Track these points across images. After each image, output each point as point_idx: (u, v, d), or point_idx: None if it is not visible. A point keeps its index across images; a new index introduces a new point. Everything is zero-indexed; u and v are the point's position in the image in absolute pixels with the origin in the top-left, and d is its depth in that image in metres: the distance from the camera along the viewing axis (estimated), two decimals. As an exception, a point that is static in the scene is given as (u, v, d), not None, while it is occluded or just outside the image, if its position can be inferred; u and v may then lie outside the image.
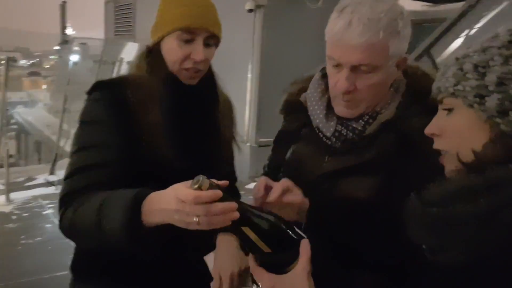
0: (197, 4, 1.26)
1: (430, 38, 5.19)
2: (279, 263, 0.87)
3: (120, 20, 10.42)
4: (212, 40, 1.29)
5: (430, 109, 0.97)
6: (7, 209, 4.85)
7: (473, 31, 5.28)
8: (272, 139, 1.40)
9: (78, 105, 8.04)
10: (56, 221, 4.24)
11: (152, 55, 1.30)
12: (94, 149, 1.20)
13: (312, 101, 1.12)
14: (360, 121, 1.05)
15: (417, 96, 1.03)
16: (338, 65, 1.01)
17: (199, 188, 0.82)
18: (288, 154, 1.20)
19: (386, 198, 1.00)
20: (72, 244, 1.28)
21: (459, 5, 5.65)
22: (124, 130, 1.21)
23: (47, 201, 5.12)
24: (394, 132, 1.03)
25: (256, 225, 0.85)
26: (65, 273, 3.38)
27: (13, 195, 5.15)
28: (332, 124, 1.08)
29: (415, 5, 7.39)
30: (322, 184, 1.09)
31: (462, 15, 5.05)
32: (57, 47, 16.43)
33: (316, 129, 1.12)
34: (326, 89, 1.11)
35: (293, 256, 0.86)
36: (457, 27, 5.14)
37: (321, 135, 1.10)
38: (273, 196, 1.00)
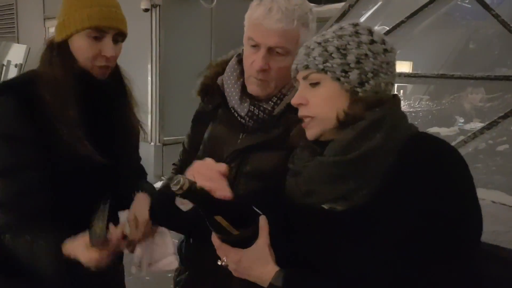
0: (105, 4, 1.35)
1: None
2: (244, 240, 0.99)
3: (1, 22, 9.72)
4: (120, 37, 1.39)
5: None
6: None
7: (354, 28, 5.87)
8: (176, 137, 1.53)
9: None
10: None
11: (60, 52, 1.33)
12: (21, 173, 1.22)
13: (229, 83, 1.27)
14: (270, 102, 1.23)
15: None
16: (256, 46, 1.18)
17: (180, 189, 0.88)
18: (206, 134, 1.31)
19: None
20: None
21: (340, 5, 6.21)
22: (41, 137, 1.24)
23: None
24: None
25: (226, 213, 0.95)
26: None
27: None
28: (246, 105, 1.24)
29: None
30: (235, 159, 1.23)
31: (344, 14, 5.56)
32: None
33: (231, 109, 1.26)
34: (241, 73, 1.27)
35: (255, 232, 0.99)
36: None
37: (236, 115, 1.25)
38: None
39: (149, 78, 6.04)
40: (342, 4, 5.95)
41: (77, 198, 1.26)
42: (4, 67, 6.59)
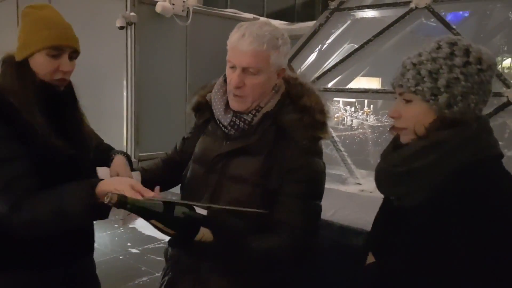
0: (61, 26, 1.56)
1: (290, 53, 5.84)
2: (184, 238, 1.15)
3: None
4: (75, 54, 1.60)
5: (299, 108, 1.38)
6: None
7: (324, 46, 6.07)
8: (151, 153, 1.72)
9: None
10: None
11: (20, 68, 1.52)
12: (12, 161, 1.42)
13: (215, 98, 1.44)
14: (249, 114, 1.40)
15: (292, 98, 1.42)
16: (233, 67, 1.35)
17: (110, 202, 1.08)
18: (196, 145, 1.51)
19: (266, 173, 1.34)
20: None
21: (311, 23, 6.44)
22: (19, 135, 1.45)
23: None
24: (272, 123, 1.38)
25: (160, 217, 1.12)
26: None
27: None
28: (229, 116, 1.40)
29: (274, 24, 8.14)
30: (218, 163, 1.40)
31: (315, 32, 5.78)
32: None
33: (217, 120, 1.43)
34: (226, 91, 1.44)
35: (193, 232, 1.14)
36: (311, 43, 5.85)
37: (221, 125, 1.42)
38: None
39: (125, 94, 6.12)
40: (313, 22, 6.19)
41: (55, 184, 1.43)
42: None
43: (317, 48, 5.96)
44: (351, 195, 4.03)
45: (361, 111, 6.48)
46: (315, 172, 1.40)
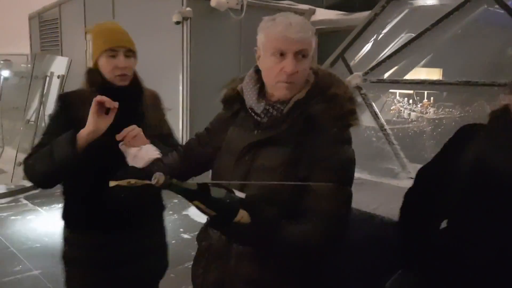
0: (114, 32, 1.88)
1: (343, 44, 5.72)
2: (224, 219, 1.20)
3: (46, 35, 10.31)
4: (129, 53, 1.87)
5: (328, 98, 1.38)
6: None
7: (380, 36, 5.91)
8: None
9: (7, 123, 7.82)
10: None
11: (91, 72, 1.90)
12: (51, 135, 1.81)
13: (247, 88, 1.46)
14: (282, 102, 1.40)
15: (321, 88, 1.41)
16: (282, 54, 1.35)
17: (157, 183, 1.11)
18: (227, 135, 1.52)
19: (295, 162, 1.35)
20: (15, 253, 1.65)
21: (368, 13, 6.28)
22: (70, 119, 1.84)
23: (-16, 216, 5.13)
24: (302, 112, 1.38)
25: (202, 198, 1.16)
26: (11, 279, 3.54)
27: None
28: (262, 105, 1.41)
29: (330, 14, 8.02)
30: (248, 153, 1.41)
31: (369, 23, 5.63)
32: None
33: (250, 109, 1.45)
34: (257, 81, 1.46)
35: (233, 213, 1.18)
36: (366, 33, 5.71)
37: (253, 114, 1.44)
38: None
39: (180, 88, 6.30)
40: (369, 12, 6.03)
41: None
42: (48, 78, 7.02)
43: (372, 38, 5.81)
44: (399, 189, 3.90)
45: (420, 104, 6.26)
46: (345, 160, 1.37)
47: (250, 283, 1.38)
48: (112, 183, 1.20)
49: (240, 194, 1.23)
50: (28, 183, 6.27)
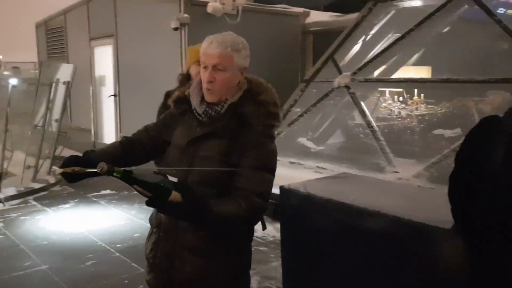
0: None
1: (333, 46, 5.98)
2: (159, 199, 1.43)
3: (53, 43, 10.66)
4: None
5: (257, 102, 1.67)
6: (-42, 226, 5.13)
7: (368, 37, 6.15)
8: None
9: (15, 128, 8.14)
10: (8, 232, 4.69)
11: (184, 76, 2.52)
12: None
13: (193, 93, 1.75)
14: (219, 105, 1.69)
15: (252, 94, 1.71)
16: (205, 67, 1.65)
17: (101, 171, 1.35)
18: (175, 133, 1.80)
19: (229, 152, 1.64)
20: (25, 249, 1.77)
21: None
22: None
23: (-5, 217, 5.45)
24: (235, 112, 1.68)
25: (139, 183, 1.39)
26: (21, 273, 3.83)
27: (-38, 214, 5.42)
28: (203, 107, 1.71)
29: (324, 16, 8.24)
30: (193, 145, 1.70)
31: (357, 24, 5.88)
32: (-15, 73, 16.20)
33: (194, 110, 1.73)
34: (201, 88, 1.74)
35: (165, 195, 1.41)
36: (355, 35, 5.96)
37: (197, 114, 1.72)
38: None
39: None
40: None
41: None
42: (54, 84, 7.33)
43: (361, 40, 6.06)
44: (379, 182, 4.14)
45: (410, 101, 6.47)
46: (268, 151, 1.66)
47: (193, 251, 1.67)
48: (58, 171, 1.46)
49: (173, 179, 1.48)
50: (36, 185, 6.60)
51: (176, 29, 6.58)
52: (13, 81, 6.83)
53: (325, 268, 3.03)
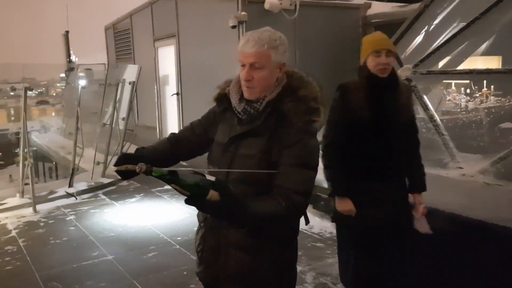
0: (377, 39, 2.58)
1: (393, 37, 5.77)
2: (197, 198, 1.44)
3: (120, 45, 11.17)
4: (389, 53, 2.52)
5: (297, 98, 1.65)
6: (35, 218, 5.51)
7: (431, 27, 5.89)
8: None
9: (87, 127, 8.59)
10: (78, 224, 5.01)
11: (361, 67, 2.60)
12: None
13: (232, 91, 1.76)
14: (258, 102, 1.68)
15: (291, 89, 1.68)
16: (243, 65, 1.65)
17: (140, 171, 1.42)
18: (217, 130, 1.83)
19: (268, 149, 1.63)
20: (93, 240, 1.84)
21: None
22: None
23: (68, 210, 5.80)
24: (274, 110, 1.66)
25: (177, 182, 1.42)
26: (89, 262, 4.08)
27: (39, 207, 5.83)
28: (242, 105, 1.71)
29: (386, 7, 8.00)
30: (232, 143, 1.71)
31: (419, 14, 5.64)
32: (62, 75, 17.27)
33: (233, 108, 1.74)
34: (240, 86, 1.75)
35: (203, 194, 1.43)
36: (417, 25, 5.73)
37: (236, 112, 1.73)
38: None
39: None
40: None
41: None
42: (120, 84, 7.70)
43: (423, 30, 5.81)
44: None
45: (479, 93, 6.14)
46: (309, 147, 1.63)
47: (239, 247, 1.68)
48: (113, 168, 1.54)
49: (211, 178, 1.51)
50: (105, 180, 6.97)
51: (234, 27, 6.66)
52: (82, 82, 7.24)
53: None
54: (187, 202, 1.46)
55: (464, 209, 3.09)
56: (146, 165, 1.42)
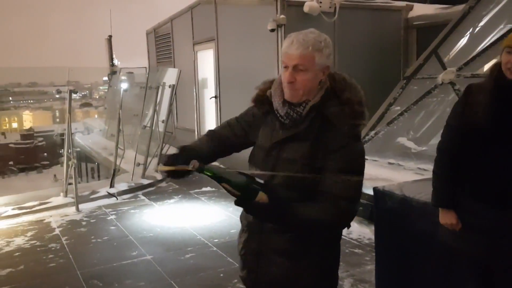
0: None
1: (436, 40, 5.64)
2: (246, 199, 1.48)
3: (161, 48, 11.40)
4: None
5: (341, 101, 1.61)
6: (78, 217, 5.68)
7: (476, 29, 5.70)
8: None
9: (128, 129, 8.79)
10: (119, 223, 5.13)
11: (494, 66, 2.17)
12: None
13: (274, 94, 1.72)
14: (301, 106, 1.65)
15: (335, 92, 1.64)
16: (286, 67, 1.62)
17: (193, 168, 1.46)
18: (259, 133, 1.80)
19: (312, 155, 1.59)
20: (133, 240, 1.85)
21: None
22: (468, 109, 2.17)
23: (109, 209, 5.95)
24: (318, 113, 1.62)
25: (228, 182, 1.45)
26: (129, 262, 4.15)
27: (81, 206, 6.01)
28: (285, 108, 1.67)
29: (429, 8, 7.80)
30: (275, 148, 1.69)
31: (464, 16, 5.48)
32: (105, 78, 17.79)
33: (276, 111, 1.71)
34: (282, 88, 1.72)
35: (253, 194, 1.46)
36: (461, 27, 5.57)
37: (279, 116, 1.70)
38: None
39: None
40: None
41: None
42: (161, 87, 7.85)
43: (468, 32, 5.63)
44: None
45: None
46: (354, 152, 1.59)
47: (280, 252, 1.67)
48: (161, 168, 1.56)
49: (260, 180, 1.51)
50: (145, 181, 7.11)
51: (272, 30, 6.66)
52: (124, 86, 7.41)
53: (419, 273, 2.89)
54: (237, 202, 1.47)
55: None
56: (200, 162, 1.44)
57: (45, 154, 45.44)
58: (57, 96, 6.47)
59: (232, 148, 1.92)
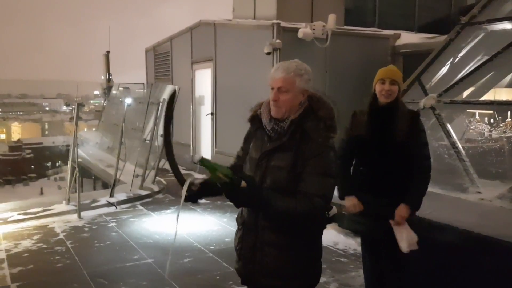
0: (387, 69, 3.06)
1: (420, 68, 6.10)
2: (233, 184, 1.78)
3: (159, 66, 11.81)
4: (394, 82, 2.96)
5: (317, 118, 1.97)
6: (80, 223, 5.98)
7: (456, 59, 6.19)
8: None
9: (126, 142, 9.07)
10: (119, 230, 5.49)
11: (371, 94, 3.03)
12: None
13: (263, 112, 2.07)
14: (284, 121, 2.00)
15: (313, 110, 2.00)
16: (272, 88, 1.99)
17: (198, 160, 1.81)
18: (250, 146, 2.16)
19: (294, 162, 1.93)
20: (134, 245, 2.10)
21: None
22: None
23: (109, 217, 6.26)
24: (298, 128, 1.97)
25: (221, 170, 1.77)
26: (131, 264, 4.49)
27: (83, 214, 6.31)
28: (271, 123, 2.03)
29: (415, 38, 8.33)
30: (264, 158, 2.03)
31: (445, 47, 5.96)
32: (96, 92, 18.09)
33: (264, 127, 2.06)
34: (270, 108, 2.06)
35: (239, 181, 1.77)
36: (442, 57, 6.03)
37: (266, 130, 2.05)
38: None
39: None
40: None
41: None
42: (160, 104, 8.21)
43: (449, 62, 6.10)
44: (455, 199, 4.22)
45: (503, 123, 6.38)
46: (328, 158, 1.92)
47: (272, 245, 1.99)
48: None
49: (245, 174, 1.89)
50: (143, 192, 7.44)
51: (268, 53, 7.10)
52: (128, 100, 7.77)
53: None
54: (224, 187, 1.78)
55: (475, 227, 3.37)
56: (202, 156, 1.80)
57: (32, 166, 45.27)
58: (65, 108, 6.80)
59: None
